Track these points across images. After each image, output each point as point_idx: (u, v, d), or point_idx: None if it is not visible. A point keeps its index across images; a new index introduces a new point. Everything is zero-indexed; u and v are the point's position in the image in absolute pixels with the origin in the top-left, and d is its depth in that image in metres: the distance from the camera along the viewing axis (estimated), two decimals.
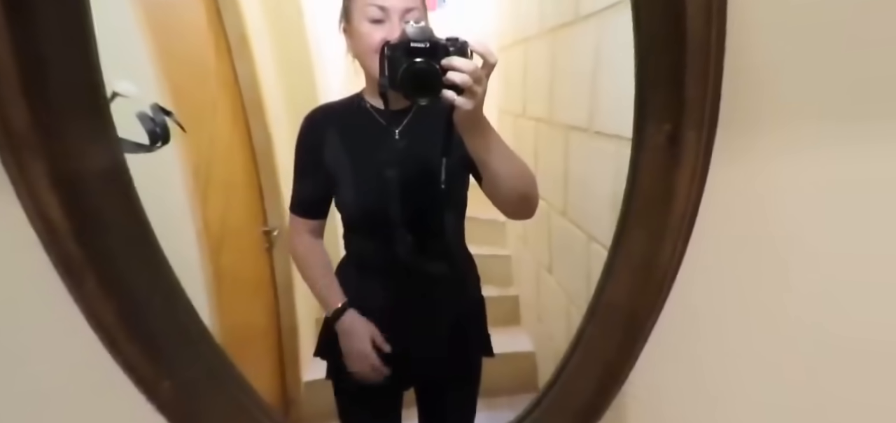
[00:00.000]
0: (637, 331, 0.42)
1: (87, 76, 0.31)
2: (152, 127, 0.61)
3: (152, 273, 0.36)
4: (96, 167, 0.32)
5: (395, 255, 0.76)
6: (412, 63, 0.57)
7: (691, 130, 0.38)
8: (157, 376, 0.36)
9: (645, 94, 0.40)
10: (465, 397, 0.94)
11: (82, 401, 0.39)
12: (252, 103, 1.27)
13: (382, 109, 0.73)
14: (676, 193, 0.40)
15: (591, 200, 1.21)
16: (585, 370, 0.44)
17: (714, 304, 0.44)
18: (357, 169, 0.77)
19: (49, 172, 0.31)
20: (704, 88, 0.37)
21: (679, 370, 0.46)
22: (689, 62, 0.36)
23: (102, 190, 0.33)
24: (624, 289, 0.43)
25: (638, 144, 0.42)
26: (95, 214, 0.33)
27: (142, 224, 0.36)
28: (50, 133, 0.31)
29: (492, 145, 0.63)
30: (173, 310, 0.37)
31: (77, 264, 0.32)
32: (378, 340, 0.81)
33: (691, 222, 0.40)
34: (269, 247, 1.31)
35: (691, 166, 0.39)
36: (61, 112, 0.31)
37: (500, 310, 1.76)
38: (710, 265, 0.44)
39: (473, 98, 0.57)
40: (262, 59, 1.31)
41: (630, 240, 0.43)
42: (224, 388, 0.40)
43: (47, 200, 0.31)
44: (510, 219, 0.81)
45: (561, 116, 1.34)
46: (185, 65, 1.07)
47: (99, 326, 0.34)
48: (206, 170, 1.10)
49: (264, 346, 1.29)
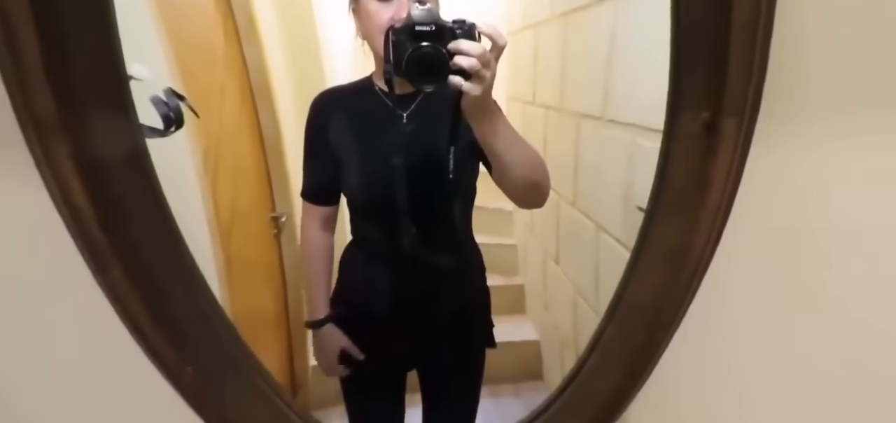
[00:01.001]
0: (662, 330, 0.41)
1: (109, 60, 0.30)
2: (166, 111, 0.60)
3: (174, 261, 0.35)
4: (119, 153, 0.31)
5: (400, 244, 0.74)
6: (417, 48, 0.54)
7: (731, 117, 0.35)
8: (181, 362, 0.35)
9: (681, 80, 0.38)
10: (469, 383, 0.94)
11: (108, 387, 0.39)
12: (260, 87, 1.25)
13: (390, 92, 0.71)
14: (711, 185, 0.38)
15: (602, 190, 1.19)
16: (604, 370, 0.43)
17: (747, 301, 0.42)
18: (363, 153, 0.75)
19: (73, 156, 0.30)
20: (748, 73, 0.34)
21: (704, 370, 0.45)
22: (734, 45, 0.33)
23: (125, 176, 0.31)
24: (649, 286, 0.41)
25: (670, 133, 0.40)
26: (119, 200, 0.32)
27: (163, 211, 0.35)
28: (74, 118, 0.29)
29: (501, 132, 0.61)
30: (194, 298, 0.36)
31: (103, 252, 0.32)
32: (350, 349, 0.83)
33: (726, 214, 0.39)
34: (278, 233, 1.31)
35: (729, 156, 0.37)
36: (84, 97, 0.30)
37: (506, 299, 1.75)
38: (743, 260, 0.42)
39: (482, 83, 0.54)
40: (270, 42, 1.28)
41: (658, 235, 0.41)
42: (243, 374, 0.39)
43: (72, 186, 0.30)
44: (520, 208, 0.79)
45: (572, 104, 1.31)
46: (194, 48, 1.05)
47: (125, 313, 0.33)
48: (215, 154, 1.09)
49: (273, 331, 1.30)
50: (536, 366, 1.57)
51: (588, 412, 0.45)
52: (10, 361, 0.40)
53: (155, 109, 0.61)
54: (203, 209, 0.99)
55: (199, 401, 0.37)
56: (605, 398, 0.45)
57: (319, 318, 0.84)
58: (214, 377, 0.37)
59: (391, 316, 0.82)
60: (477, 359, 0.93)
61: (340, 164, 0.77)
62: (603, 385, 0.44)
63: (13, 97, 0.29)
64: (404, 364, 0.92)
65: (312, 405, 1.38)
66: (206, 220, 1.00)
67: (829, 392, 0.44)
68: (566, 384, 0.46)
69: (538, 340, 1.59)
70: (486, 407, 0.99)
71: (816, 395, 0.44)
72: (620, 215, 1.08)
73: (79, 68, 0.29)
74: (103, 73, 0.31)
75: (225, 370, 0.38)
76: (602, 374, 0.44)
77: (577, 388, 0.45)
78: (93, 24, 0.30)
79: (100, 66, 0.31)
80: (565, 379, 0.47)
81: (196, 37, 1.08)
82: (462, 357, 0.92)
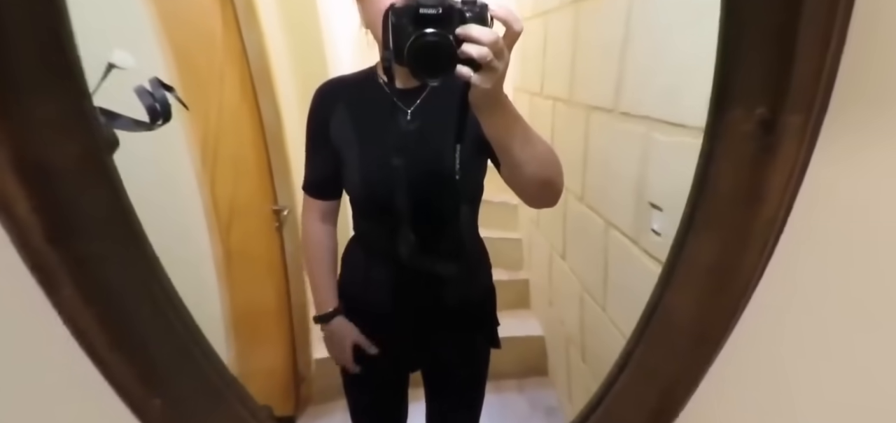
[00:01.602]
0: (702, 355, 0.35)
1: (56, 44, 0.24)
2: (151, 103, 0.54)
3: (140, 278, 0.29)
4: (70, 152, 0.25)
5: (399, 252, 0.69)
6: (421, 34, 0.46)
7: (795, 113, 0.29)
8: (147, 394, 0.30)
9: (732, 68, 0.31)
10: (472, 381, 0.90)
11: (67, 419, 0.34)
12: (260, 74, 1.19)
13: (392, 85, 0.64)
14: (767, 192, 0.31)
15: (612, 186, 1.13)
16: (635, 394, 0.37)
17: (801, 325, 0.36)
18: (363, 151, 0.69)
19: (10, 155, 0.24)
20: (821, 61, 0.28)
21: (750, 399, 0.38)
22: (804, 25, 0.27)
23: (78, 180, 0.26)
24: (687, 304, 0.35)
25: (715, 132, 0.34)
26: (70, 208, 0.26)
27: (127, 220, 0.29)
28: (10, 109, 0.24)
29: (513, 128, 0.53)
30: (165, 320, 0.31)
31: (50, 267, 0.26)
32: (362, 343, 0.79)
33: (781, 227, 0.32)
34: (280, 226, 1.26)
35: (791, 160, 0.30)
36: (21, 83, 0.24)
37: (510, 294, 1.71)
38: (799, 280, 0.35)
39: (493, 74, 0.46)
40: (271, 28, 1.22)
41: (698, 246, 0.35)
42: (225, 404, 0.34)
43: (10, 190, 0.25)
44: (531, 207, 0.73)
45: (582, 96, 1.24)
46: (190, 31, 0.98)
47: (79, 336, 0.28)
48: (213, 143, 1.03)
49: (276, 325, 1.26)
50: (541, 362, 1.53)
51: None
52: None
53: (140, 100, 0.55)
54: (201, 202, 0.94)
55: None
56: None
57: (328, 312, 0.79)
58: (189, 410, 0.32)
59: (392, 315, 0.77)
60: (481, 359, 0.89)
61: (341, 158, 0.71)
62: (633, 413, 0.38)
63: None
64: (407, 362, 0.88)
65: (315, 399, 1.35)
66: (205, 213, 0.95)
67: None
68: (591, 409, 0.40)
69: (543, 335, 1.55)
70: (490, 403, 0.95)
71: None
72: (632, 212, 1.02)
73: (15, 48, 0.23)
74: (48, 54, 0.25)
75: (202, 402, 0.32)
76: (632, 398, 0.38)
77: (603, 413, 0.39)
78: (35, 2, 0.24)
79: (43, 47, 0.25)
80: (589, 403, 0.41)
81: (193, 20, 1.01)
82: (465, 357, 0.87)
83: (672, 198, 0.89)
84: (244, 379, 0.40)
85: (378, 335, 0.79)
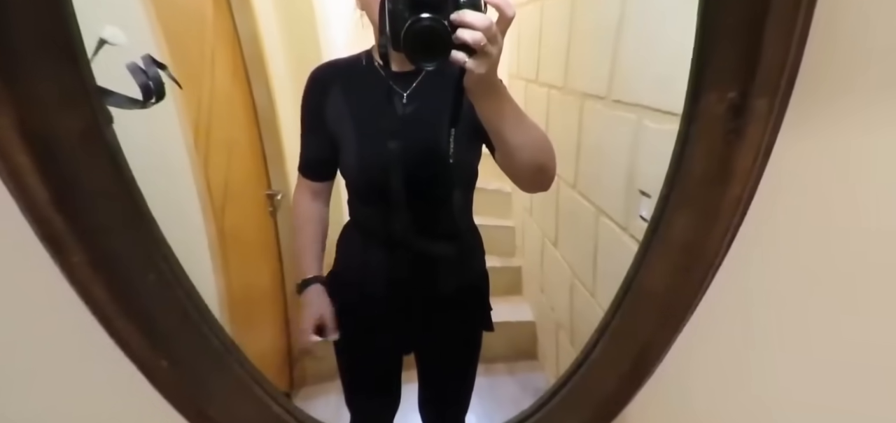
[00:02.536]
0: (671, 324, 0.38)
1: (56, 16, 0.26)
2: (144, 80, 0.55)
3: (145, 248, 0.32)
4: (74, 127, 0.27)
5: (395, 231, 0.72)
6: (416, 20, 0.48)
7: (762, 97, 0.31)
8: (155, 356, 0.32)
9: (707, 56, 0.34)
10: (464, 364, 0.93)
11: (80, 378, 0.36)
12: (253, 58, 1.19)
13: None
14: (734, 173, 0.34)
15: (604, 173, 1.16)
16: (610, 362, 0.40)
17: (764, 298, 0.39)
18: (359, 134, 0.71)
19: (18, 127, 0.26)
20: (786, 49, 0.30)
21: (713, 367, 0.42)
22: (772, 16, 0.29)
23: (82, 152, 0.28)
24: (660, 277, 0.38)
25: (691, 114, 0.36)
26: (75, 178, 0.28)
27: (130, 192, 0.31)
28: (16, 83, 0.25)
29: (507, 112, 0.56)
30: (169, 287, 0.33)
31: (60, 235, 0.28)
32: (328, 322, 0.80)
33: (747, 204, 0.35)
34: (274, 211, 1.27)
35: (757, 142, 0.33)
36: (27, 59, 0.25)
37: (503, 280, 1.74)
38: (763, 255, 0.38)
39: (487, 60, 0.49)
40: (263, 10, 1.21)
41: (672, 223, 0.38)
42: (226, 367, 0.37)
43: (20, 160, 0.26)
44: (524, 191, 0.75)
45: (577, 83, 1.26)
46: (180, 12, 0.98)
47: (90, 302, 0.30)
48: (205, 127, 1.04)
49: (270, 307, 1.28)
50: (531, 346, 1.58)
51: (592, 404, 0.43)
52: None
53: (132, 77, 0.56)
54: (194, 184, 0.96)
55: (176, 397, 0.35)
56: (611, 389, 0.42)
57: (307, 277, 0.81)
58: (193, 372, 0.34)
59: (387, 298, 0.80)
60: (473, 342, 0.92)
61: (337, 142, 0.73)
62: (608, 377, 0.41)
63: None
64: (400, 345, 0.91)
65: (310, 380, 1.38)
66: (198, 195, 0.97)
67: (847, 396, 0.41)
68: (570, 374, 0.44)
69: (534, 321, 1.59)
70: (480, 385, 0.99)
71: (833, 399, 0.41)
72: (622, 200, 1.04)
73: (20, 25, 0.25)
74: (50, 30, 0.27)
75: (205, 365, 0.35)
76: (607, 365, 0.42)
77: (581, 378, 0.43)
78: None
79: (45, 23, 0.26)
80: (569, 369, 0.44)
81: (183, 1, 1.01)
82: (458, 340, 0.91)
83: (659, 184, 0.91)
84: None
85: (373, 319, 0.81)
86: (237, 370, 0.36)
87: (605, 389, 0.42)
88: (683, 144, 0.38)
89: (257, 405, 0.38)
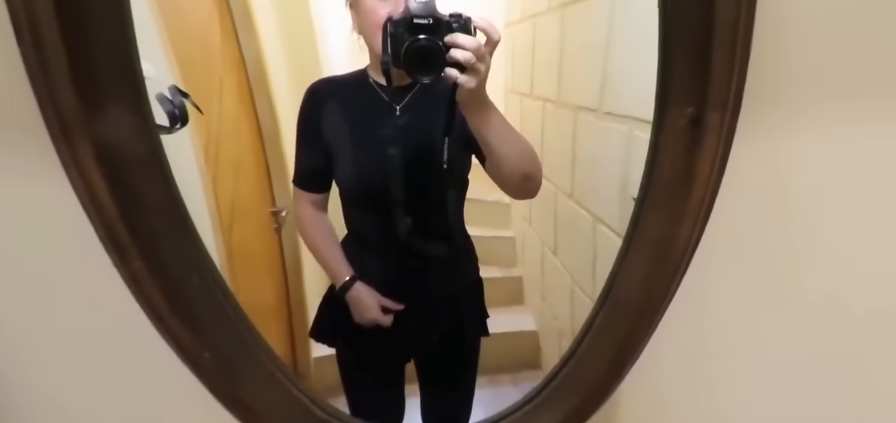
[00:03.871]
0: (648, 318, 0.44)
1: (127, 60, 0.32)
2: (171, 109, 0.62)
3: (190, 252, 0.38)
4: (138, 150, 0.33)
5: (393, 234, 0.77)
6: (415, 40, 0.57)
7: (715, 112, 0.38)
8: (199, 348, 0.38)
9: (668, 76, 0.41)
10: (464, 371, 0.97)
11: (132, 372, 0.42)
12: (257, 81, 1.26)
13: (385, 85, 0.71)
14: (696, 177, 0.40)
15: (599, 182, 1.22)
16: (595, 355, 0.46)
17: (728, 290, 0.45)
18: (356, 144, 0.78)
19: (96, 155, 0.32)
20: (730, 70, 0.37)
21: (687, 356, 0.48)
22: (717, 42, 0.36)
23: (144, 172, 0.34)
24: (637, 275, 0.44)
25: (659, 126, 0.43)
26: (138, 195, 0.34)
27: (178, 204, 0.38)
28: (96, 117, 0.32)
29: (494, 124, 0.64)
30: (209, 287, 0.39)
31: (125, 244, 0.34)
32: (386, 303, 0.84)
33: (710, 206, 0.41)
34: (278, 227, 1.33)
35: (713, 149, 0.39)
36: (106, 97, 0.32)
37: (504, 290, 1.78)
38: (726, 251, 0.45)
39: (476, 76, 0.57)
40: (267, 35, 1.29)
41: (647, 225, 0.44)
42: (256, 359, 0.42)
43: (96, 182, 0.33)
44: (514, 199, 0.82)
45: (570, 97, 1.33)
46: (192, 43, 1.06)
47: (146, 302, 0.36)
48: (214, 149, 1.10)
49: (275, 323, 1.32)
50: (534, 356, 1.60)
51: (580, 394, 0.48)
52: (41, 345, 0.43)
53: (161, 106, 0.63)
54: (205, 203, 1.01)
55: (216, 385, 0.40)
56: (596, 380, 0.48)
57: (347, 279, 0.84)
58: (230, 363, 0.40)
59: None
60: (471, 348, 0.96)
61: (333, 153, 0.79)
62: (594, 369, 0.47)
63: (40, 99, 0.31)
64: (400, 355, 0.95)
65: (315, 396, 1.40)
66: (209, 214, 1.02)
67: (803, 379, 0.46)
68: (560, 368, 0.49)
69: (536, 330, 1.62)
70: (485, 396, 1.02)
71: (789, 382, 0.47)
72: (617, 207, 1.10)
73: (101, 69, 0.32)
74: (123, 73, 0.33)
75: (239, 357, 0.41)
76: (593, 358, 0.47)
77: (570, 371, 0.48)
78: (112, 26, 0.33)
79: (120, 67, 0.33)
80: (559, 362, 0.50)
81: (194, 31, 1.09)
82: (457, 347, 0.95)
83: None
84: None
85: (373, 331, 0.85)
86: (264, 361, 0.42)
87: (592, 379, 0.47)
88: (654, 152, 0.44)
89: (281, 390, 0.43)
